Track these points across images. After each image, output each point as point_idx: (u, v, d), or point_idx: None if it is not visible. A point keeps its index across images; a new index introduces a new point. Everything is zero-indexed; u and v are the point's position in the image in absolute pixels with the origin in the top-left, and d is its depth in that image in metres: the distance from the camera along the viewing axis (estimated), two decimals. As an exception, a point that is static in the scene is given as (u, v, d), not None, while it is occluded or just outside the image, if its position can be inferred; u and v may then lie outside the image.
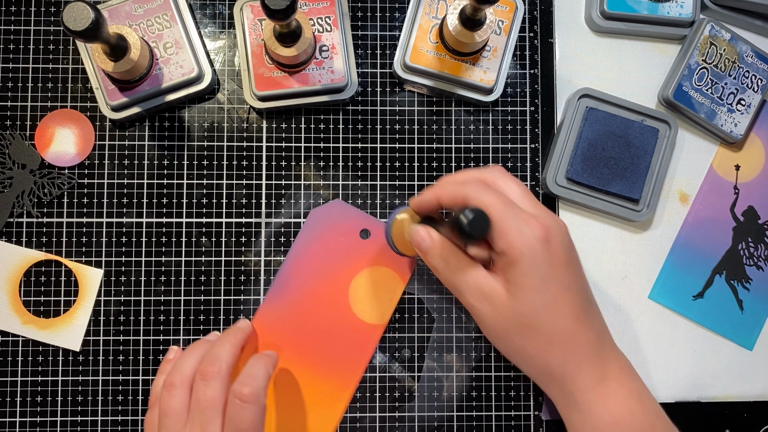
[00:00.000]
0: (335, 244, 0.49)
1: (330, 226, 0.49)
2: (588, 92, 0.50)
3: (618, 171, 0.49)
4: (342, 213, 0.49)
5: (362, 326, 0.48)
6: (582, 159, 0.49)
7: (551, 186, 0.49)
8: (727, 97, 0.50)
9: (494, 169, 0.41)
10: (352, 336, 0.48)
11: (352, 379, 0.48)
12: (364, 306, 0.48)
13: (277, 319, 0.48)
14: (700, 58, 0.50)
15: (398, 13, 0.51)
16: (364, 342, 0.48)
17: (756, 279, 0.51)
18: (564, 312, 0.37)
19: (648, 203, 0.49)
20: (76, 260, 0.49)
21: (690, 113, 0.50)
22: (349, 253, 0.49)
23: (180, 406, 0.40)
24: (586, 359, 0.37)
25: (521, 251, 0.36)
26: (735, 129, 0.50)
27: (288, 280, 0.48)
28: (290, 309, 0.48)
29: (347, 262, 0.48)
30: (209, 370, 0.39)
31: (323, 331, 0.48)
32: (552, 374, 0.38)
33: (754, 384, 0.51)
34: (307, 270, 0.48)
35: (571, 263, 0.38)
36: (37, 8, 0.50)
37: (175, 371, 0.41)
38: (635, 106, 0.50)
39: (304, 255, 0.49)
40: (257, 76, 0.48)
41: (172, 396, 0.40)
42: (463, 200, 0.38)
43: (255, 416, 0.38)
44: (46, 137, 0.49)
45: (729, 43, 0.50)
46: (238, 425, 0.38)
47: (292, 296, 0.48)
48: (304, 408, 0.47)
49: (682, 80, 0.50)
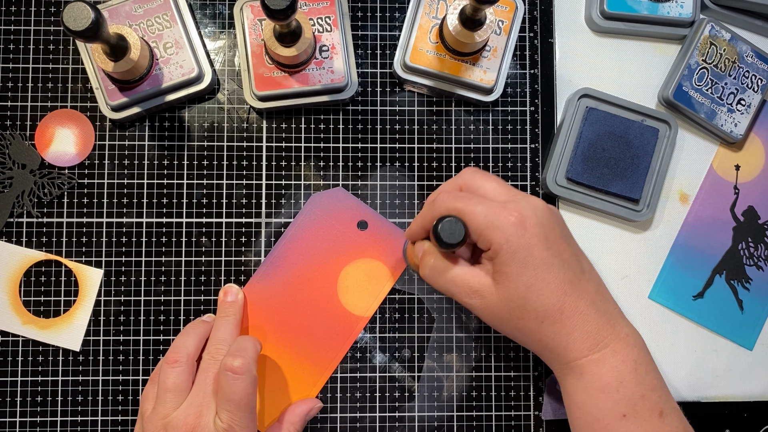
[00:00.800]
0: (331, 231, 0.49)
1: (329, 213, 0.49)
2: (588, 92, 0.50)
3: (618, 171, 0.49)
4: (342, 201, 0.49)
5: (346, 316, 0.48)
6: (582, 159, 0.49)
7: (551, 186, 0.49)
8: (727, 97, 0.50)
9: (466, 172, 0.42)
10: (335, 324, 0.48)
11: (329, 367, 0.48)
12: (351, 296, 0.48)
13: (263, 296, 0.48)
14: (700, 58, 0.50)
15: (398, 13, 0.51)
16: (345, 332, 0.48)
17: (756, 279, 0.51)
18: (548, 289, 0.38)
19: (648, 203, 0.49)
20: (76, 260, 0.49)
21: (690, 113, 0.50)
22: (343, 242, 0.49)
23: (181, 383, 0.42)
24: (578, 328, 0.38)
25: (499, 243, 0.38)
26: (735, 129, 0.50)
27: (279, 260, 0.49)
28: (277, 289, 0.48)
29: (341, 251, 0.49)
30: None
31: (307, 314, 0.48)
32: (547, 347, 0.39)
33: (754, 384, 0.51)
34: (300, 253, 0.49)
35: (550, 240, 0.38)
36: (37, 8, 0.50)
37: (178, 349, 0.43)
38: (635, 106, 0.50)
39: (299, 238, 0.49)
40: (257, 76, 0.48)
41: (174, 372, 0.42)
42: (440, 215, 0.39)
43: (248, 386, 0.40)
44: (46, 137, 0.49)
45: (729, 43, 0.50)
46: (231, 397, 0.39)
47: (282, 276, 0.48)
48: (277, 388, 0.47)
49: (682, 80, 0.50)
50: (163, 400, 0.41)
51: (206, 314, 0.48)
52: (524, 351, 0.50)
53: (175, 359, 0.42)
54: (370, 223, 0.49)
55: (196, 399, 0.41)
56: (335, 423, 0.48)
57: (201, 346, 0.44)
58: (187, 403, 0.41)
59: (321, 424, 0.48)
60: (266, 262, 0.49)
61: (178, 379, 0.42)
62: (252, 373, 0.40)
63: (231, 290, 0.47)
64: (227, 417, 0.39)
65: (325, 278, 0.48)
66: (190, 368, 0.43)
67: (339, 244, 0.49)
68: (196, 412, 0.40)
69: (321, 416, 0.48)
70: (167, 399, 0.41)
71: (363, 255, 0.49)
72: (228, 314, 0.46)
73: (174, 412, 0.41)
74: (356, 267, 0.49)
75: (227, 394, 0.39)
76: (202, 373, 0.42)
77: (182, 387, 0.42)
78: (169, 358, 0.42)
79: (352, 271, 0.49)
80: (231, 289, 0.47)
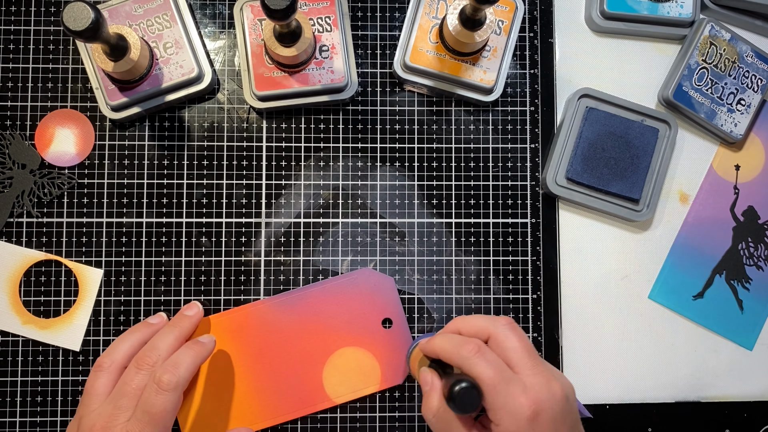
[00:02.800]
0: (357, 310, 0.48)
1: (368, 293, 0.48)
2: (588, 92, 0.50)
3: (618, 171, 0.49)
4: (386, 292, 0.49)
5: (318, 389, 0.48)
6: (582, 159, 0.49)
7: (551, 186, 0.49)
8: (727, 97, 0.50)
9: (500, 322, 0.40)
10: (303, 388, 0.48)
11: (274, 418, 0.47)
12: (334, 375, 0.48)
13: (264, 320, 0.48)
14: (700, 58, 0.50)
15: (398, 13, 0.51)
16: (308, 401, 0.47)
17: (756, 279, 0.51)
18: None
19: (648, 203, 0.49)
20: (76, 260, 0.49)
21: (690, 113, 0.50)
22: (361, 326, 0.48)
23: (103, 388, 0.42)
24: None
25: (507, 429, 0.36)
26: (735, 129, 0.50)
27: (300, 300, 0.48)
28: (279, 323, 0.48)
29: (353, 331, 0.48)
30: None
31: (288, 362, 0.48)
32: None
33: (754, 384, 0.51)
34: (320, 308, 0.48)
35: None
36: (37, 8, 0.50)
37: (108, 354, 0.43)
38: (635, 106, 0.50)
39: (329, 295, 0.48)
40: (257, 76, 0.48)
41: (98, 377, 0.42)
42: (459, 365, 0.38)
43: (167, 404, 0.39)
44: (46, 137, 0.49)
45: (729, 43, 0.50)
46: (148, 409, 0.39)
47: (290, 315, 0.48)
48: (224, 411, 0.47)
49: (682, 80, 0.50)
50: (84, 402, 0.42)
51: (157, 314, 0.48)
52: (524, 351, 0.50)
53: (99, 364, 0.43)
54: (395, 325, 0.48)
55: (108, 407, 0.40)
56: (335, 423, 0.48)
57: (133, 353, 0.44)
58: (100, 409, 0.41)
59: (321, 425, 0.48)
60: (289, 294, 0.48)
61: (101, 385, 0.42)
62: (177, 392, 0.40)
63: (193, 307, 0.47)
64: (139, 428, 0.39)
65: (324, 344, 0.48)
66: (116, 375, 0.43)
67: (355, 325, 0.48)
68: (106, 420, 0.40)
69: (321, 416, 0.48)
70: (87, 402, 0.41)
71: (368, 348, 0.48)
72: (176, 325, 0.45)
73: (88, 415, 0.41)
74: (356, 353, 0.48)
75: (146, 404, 0.39)
76: (123, 380, 0.42)
77: (103, 392, 0.42)
78: (96, 362, 0.43)
79: (350, 355, 0.48)
80: (193, 306, 0.47)
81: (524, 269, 0.50)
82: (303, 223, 0.50)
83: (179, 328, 0.45)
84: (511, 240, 0.50)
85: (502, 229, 0.50)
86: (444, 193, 0.50)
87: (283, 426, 0.48)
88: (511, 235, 0.50)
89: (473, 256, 0.50)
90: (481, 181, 0.51)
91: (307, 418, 0.48)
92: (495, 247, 0.50)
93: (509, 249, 0.50)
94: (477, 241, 0.50)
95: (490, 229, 0.50)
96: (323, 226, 0.50)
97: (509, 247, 0.50)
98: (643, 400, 0.50)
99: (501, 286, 0.50)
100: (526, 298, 0.50)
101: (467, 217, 0.50)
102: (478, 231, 0.50)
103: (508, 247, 0.50)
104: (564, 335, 0.50)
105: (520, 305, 0.50)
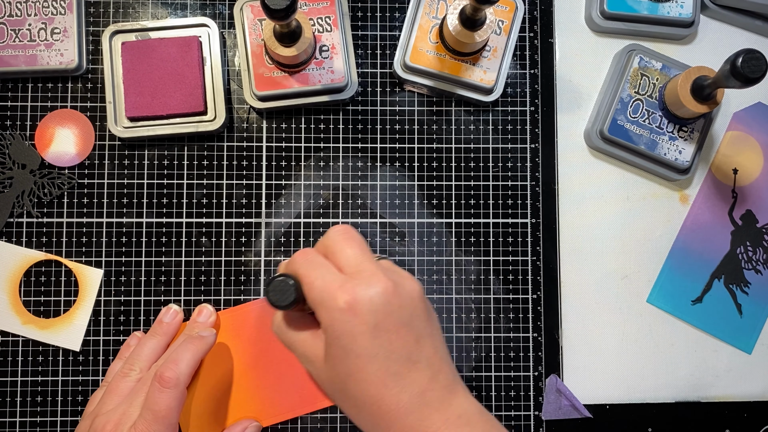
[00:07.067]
0: None
1: None
2: (634, 47, 0.50)
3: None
4: None
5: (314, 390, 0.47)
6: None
7: (595, 141, 0.50)
8: (667, 125, 0.49)
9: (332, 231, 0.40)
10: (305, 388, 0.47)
11: (277, 416, 0.47)
12: None
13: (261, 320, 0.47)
14: (632, 90, 0.49)
15: (398, 13, 0.51)
16: (309, 399, 0.47)
17: (755, 283, 0.51)
18: (368, 380, 0.36)
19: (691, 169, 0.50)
20: (76, 260, 0.49)
21: (629, 146, 0.49)
22: None
23: (126, 390, 0.42)
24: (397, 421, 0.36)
25: (324, 325, 0.36)
26: (680, 156, 0.49)
27: None
28: None
29: None
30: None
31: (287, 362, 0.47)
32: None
33: (754, 384, 0.51)
34: None
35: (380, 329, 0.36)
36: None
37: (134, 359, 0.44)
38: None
39: None
40: (257, 76, 0.48)
41: (124, 380, 0.43)
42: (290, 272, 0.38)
43: (171, 401, 0.40)
44: (46, 137, 0.49)
45: (661, 72, 0.49)
46: (153, 407, 0.39)
47: None
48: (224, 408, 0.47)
49: (616, 114, 0.49)
50: (103, 401, 0.42)
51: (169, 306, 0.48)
52: (524, 351, 0.50)
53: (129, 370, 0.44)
54: None
55: (121, 407, 0.41)
56: (335, 423, 0.49)
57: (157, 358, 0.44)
58: (114, 409, 0.41)
59: (321, 424, 0.48)
60: None
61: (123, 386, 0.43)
62: (180, 387, 0.40)
63: (168, 311, 0.47)
64: (144, 426, 0.39)
65: None
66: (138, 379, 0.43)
67: None
68: (117, 419, 0.40)
69: (321, 416, 0.48)
70: (106, 400, 0.42)
71: None
72: (156, 333, 0.46)
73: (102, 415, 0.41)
74: None
75: (150, 402, 0.40)
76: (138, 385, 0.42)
77: (125, 393, 0.42)
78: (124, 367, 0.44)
79: None
80: (169, 310, 0.47)
81: (524, 269, 0.50)
82: (303, 223, 0.50)
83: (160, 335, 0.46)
84: (511, 240, 0.50)
85: (502, 229, 0.50)
86: (444, 193, 0.50)
87: (284, 424, 0.48)
88: (511, 235, 0.50)
89: (473, 256, 0.50)
90: (481, 181, 0.51)
91: (307, 417, 0.48)
92: (495, 247, 0.50)
93: (509, 249, 0.50)
94: (477, 241, 0.50)
95: (490, 229, 0.50)
96: (323, 226, 0.50)
97: (509, 247, 0.50)
98: (643, 400, 0.50)
99: (501, 286, 0.50)
100: (526, 298, 0.50)
101: (467, 217, 0.50)
102: (478, 231, 0.50)
103: (508, 247, 0.50)
104: (564, 335, 0.50)
105: (520, 305, 0.50)
